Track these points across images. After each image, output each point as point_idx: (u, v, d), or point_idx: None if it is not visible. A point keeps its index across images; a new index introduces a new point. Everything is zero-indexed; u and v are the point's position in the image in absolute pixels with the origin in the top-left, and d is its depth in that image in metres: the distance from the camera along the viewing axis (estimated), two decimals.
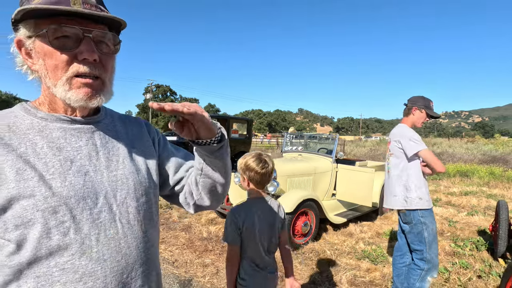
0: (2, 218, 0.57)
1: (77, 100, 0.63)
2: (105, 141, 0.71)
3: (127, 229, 0.67)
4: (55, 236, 0.59)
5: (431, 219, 2.17)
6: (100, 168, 0.67)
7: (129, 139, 0.77)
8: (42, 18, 0.61)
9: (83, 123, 0.69)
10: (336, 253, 3.47)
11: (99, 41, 0.64)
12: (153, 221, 0.76)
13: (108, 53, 0.67)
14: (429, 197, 2.21)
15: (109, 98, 0.68)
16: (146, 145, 0.81)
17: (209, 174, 0.76)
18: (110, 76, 0.68)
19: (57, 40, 0.61)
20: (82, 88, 0.63)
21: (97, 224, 0.63)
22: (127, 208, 0.68)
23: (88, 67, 0.62)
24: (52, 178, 0.61)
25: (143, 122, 0.86)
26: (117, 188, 0.68)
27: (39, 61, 0.63)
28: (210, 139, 0.69)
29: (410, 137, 2.19)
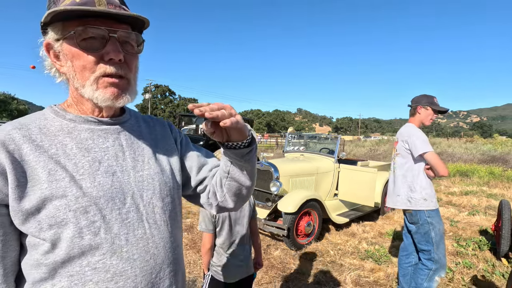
0: (37, 218, 0.59)
1: (104, 99, 0.64)
2: (130, 141, 0.72)
3: (154, 229, 0.68)
4: (87, 235, 0.60)
5: (438, 219, 2.17)
6: (127, 169, 0.68)
7: (153, 140, 0.77)
8: (69, 20, 0.62)
9: (110, 124, 0.70)
10: (340, 253, 3.46)
11: (123, 41, 0.65)
12: (178, 222, 0.77)
13: (132, 53, 0.68)
14: (435, 197, 2.21)
15: (134, 97, 0.69)
16: (170, 145, 0.81)
17: (236, 177, 0.76)
18: (134, 75, 0.69)
19: (84, 42, 0.62)
20: (109, 87, 0.64)
21: (126, 224, 0.64)
22: (153, 208, 0.69)
23: (114, 67, 0.63)
24: (82, 179, 0.62)
25: (166, 122, 0.87)
26: (143, 188, 0.69)
27: (67, 63, 0.65)
28: (241, 142, 0.69)
29: (417, 138, 2.19)
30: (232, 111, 0.62)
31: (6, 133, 0.60)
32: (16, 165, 0.58)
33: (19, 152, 0.59)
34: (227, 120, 0.59)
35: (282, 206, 3.46)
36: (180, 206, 0.80)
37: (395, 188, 2.35)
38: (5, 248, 0.60)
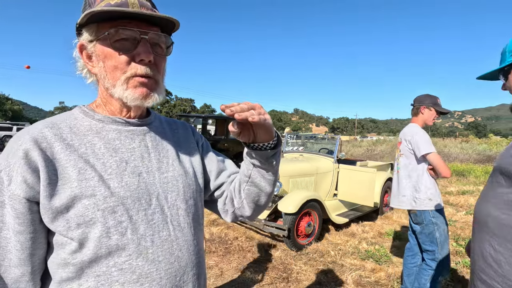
0: (65, 217, 0.59)
1: (134, 98, 0.65)
2: (155, 143, 0.73)
3: (178, 231, 0.68)
4: (114, 235, 0.60)
5: (443, 219, 2.17)
6: (152, 170, 0.69)
7: (176, 142, 0.78)
8: (103, 22, 0.64)
9: (136, 125, 0.71)
10: (340, 253, 3.46)
11: (154, 43, 0.66)
12: (200, 225, 0.77)
13: (162, 55, 0.69)
14: (440, 197, 2.21)
15: (162, 98, 0.69)
16: (192, 148, 0.82)
17: (257, 182, 0.75)
18: (163, 77, 0.71)
19: (117, 42, 0.63)
20: (138, 87, 0.65)
21: (151, 225, 0.64)
22: (177, 210, 0.69)
23: (145, 68, 0.65)
24: (110, 178, 0.63)
25: (188, 125, 0.88)
26: (168, 189, 0.69)
27: (99, 63, 0.66)
28: (267, 143, 0.68)
29: (420, 138, 2.19)
30: (262, 110, 0.62)
31: (38, 131, 0.62)
32: (48, 163, 0.59)
33: (51, 150, 0.60)
34: (256, 116, 0.60)
35: (282, 207, 3.45)
36: (202, 209, 0.80)
37: (400, 188, 2.34)
38: (34, 246, 0.61)
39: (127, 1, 0.62)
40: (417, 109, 2.36)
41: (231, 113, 0.58)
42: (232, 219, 0.85)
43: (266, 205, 0.82)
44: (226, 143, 7.55)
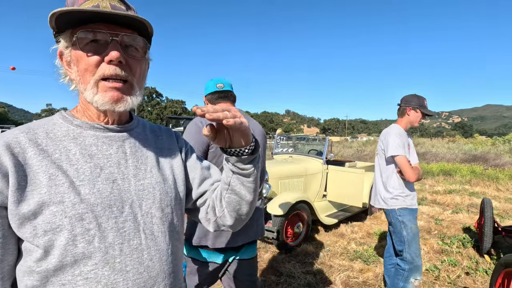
0: (33, 223, 0.58)
1: (103, 103, 0.63)
2: (134, 149, 0.71)
3: (150, 240, 0.66)
4: (81, 243, 0.59)
5: (411, 218, 2.17)
6: (128, 176, 0.67)
7: (158, 149, 0.77)
8: (76, 28, 0.63)
9: (116, 131, 0.70)
10: (329, 254, 3.48)
11: (127, 45, 0.65)
12: (177, 233, 0.74)
13: (136, 57, 0.67)
14: (411, 197, 2.21)
15: (137, 102, 0.68)
16: (174, 155, 0.80)
17: (237, 189, 0.74)
18: (139, 80, 0.69)
19: (87, 45, 0.63)
20: (109, 91, 0.63)
21: (121, 234, 0.63)
22: (152, 218, 0.68)
23: (114, 69, 0.63)
24: (81, 185, 0.62)
25: (174, 132, 0.86)
26: (143, 197, 0.68)
27: (74, 68, 0.66)
28: (244, 148, 0.67)
29: (392, 140, 2.20)
30: (237, 113, 0.62)
31: (13, 136, 0.61)
32: (18, 168, 0.58)
33: (23, 156, 0.60)
34: (231, 119, 0.59)
35: (272, 209, 3.45)
36: (182, 218, 0.78)
37: (375, 187, 2.41)
38: (3, 251, 0.59)
39: (99, 5, 0.61)
40: (403, 109, 2.35)
41: (201, 113, 0.57)
42: (214, 228, 0.83)
43: (248, 215, 0.80)
44: None
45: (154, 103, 63.18)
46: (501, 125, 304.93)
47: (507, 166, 11.15)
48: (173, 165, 0.78)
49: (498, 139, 21.64)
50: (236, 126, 0.61)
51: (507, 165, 11.42)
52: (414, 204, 2.23)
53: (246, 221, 0.84)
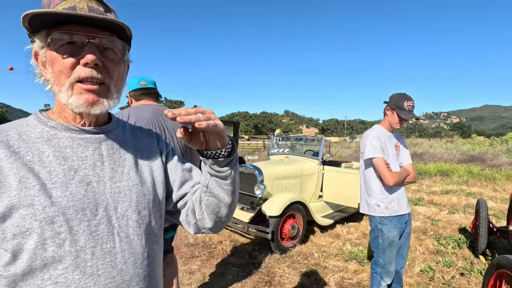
0: (2, 227, 0.57)
1: (78, 105, 0.63)
2: (112, 151, 0.70)
3: (125, 244, 0.66)
4: (50, 247, 0.58)
5: (390, 227, 2.04)
6: (104, 179, 0.67)
7: (137, 151, 0.76)
8: (52, 28, 0.62)
9: (92, 132, 0.69)
10: (324, 255, 3.47)
11: (105, 48, 0.65)
12: (155, 236, 0.73)
13: (114, 60, 0.67)
14: (394, 202, 2.06)
15: (114, 105, 0.68)
16: (155, 157, 0.79)
17: (215, 192, 0.74)
18: (116, 83, 0.68)
19: (62, 47, 0.62)
20: (83, 94, 0.63)
21: (94, 237, 0.62)
22: (127, 221, 0.67)
23: (90, 71, 0.62)
24: (53, 187, 0.60)
25: (154, 133, 0.85)
26: (119, 200, 0.67)
27: (49, 69, 0.65)
28: (220, 151, 0.68)
29: (370, 142, 2.07)
30: (212, 116, 0.61)
31: None
32: None
33: None
34: (203, 122, 0.58)
35: (266, 209, 3.44)
36: (161, 220, 0.77)
37: (360, 191, 2.26)
38: None
39: (76, 6, 0.60)
40: (384, 109, 2.19)
41: (172, 116, 0.56)
42: (194, 231, 0.82)
43: (228, 218, 0.80)
44: None
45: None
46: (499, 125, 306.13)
47: (504, 167, 11.18)
48: (153, 167, 0.77)
49: (496, 140, 21.70)
50: (209, 129, 0.60)
51: (504, 166, 11.45)
52: (398, 211, 2.06)
53: (227, 223, 0.83)
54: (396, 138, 2.20)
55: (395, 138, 2.20)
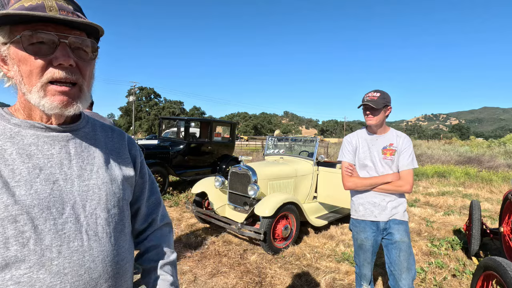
0: None
1: (52, 107, 0.62)
2: (80, 149, 0.70)
3: (93, 242, 0.66)
4: (13, 246, 0.57)
5: (358, 230, 2.03)
6: (71, 177, 0.66)
7: (108, 149, 0.76)
8: (17, 25, 0.61)
9: (59, 131, 0.68)
10: (316, 256, 3.46)
11: (76, 47, 0.64)
12: (125, 234, 0.75)
13: (86, 59, 0.66)
14: (360, 208, 2.01)
15: (86, 105, 0.68)
16: (125, 158, 0.81)
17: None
18: (88, 82, 0.68)
19: (32, 46, 0.60)
20: (57, 95, 0.62)
21: (60, 236, 0.61)
22: (96, 219, 0.67)
23: (64, 72, 0.62)
24: (16, 186, 0.60)
25: (127, 136, 0.85)
26: (87, 198, 0.67)
27: (14, 67, 0.63)
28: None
29: (342, 145, 2.13)
30: None
31: None
32: None
33: None
34: None
35: (259, 210, 3.43)
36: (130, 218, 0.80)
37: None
38: None
39: (44, 4, 0.59)
40: None
41: None
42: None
43: None
44: (210, 146, 7.48)
45: (152, 103, 63.03)
46: (498, 127, 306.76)
47: (501, 168, 11.20)
48: (123, 167, 0.79)
49: (494, 142, 21.73)
50: None
51: (501, 167, 11.47)
52: (365, 216, 1.97)
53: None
54: (388, 141, 1.97)
55: (385, 141, 1.98)
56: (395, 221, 1.94)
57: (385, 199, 1.96)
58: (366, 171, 2.00)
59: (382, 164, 1.96)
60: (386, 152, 1.97)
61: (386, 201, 1.95)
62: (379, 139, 2.01)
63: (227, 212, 4.20)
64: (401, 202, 1.97)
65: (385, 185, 1.93)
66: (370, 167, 1.98)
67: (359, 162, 2.02)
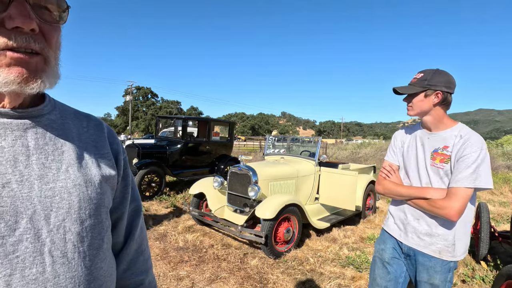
0: None
1: (7, 82, 0.46)
2: (43, 142, 0.53)
3: (60, 266, 0.49)
4: None
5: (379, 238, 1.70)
6: (29, 179, 0.49)
7: (82, 142, 0.59)
8: None
9: (13, 116, 0.51)
10: (320, 260, 3.31)
11: (38, 5, 0.48)
12: (104, 251, 0.58)
13: (52, 22, 0.50)
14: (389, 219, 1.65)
15: (54, 82, 0.52)
16: (104, 154, 0.63)
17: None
18: (55, 53, 0.53)
19: None
20: (13, 66, 0.46)
21: (10, 261, 0.45)
22: (65, 234, 0.51)
23: (24, 38, 0.46)
24: None
25: (106, 127, 0.67)
26: (52, 206, 0.50)
27: None
28: None
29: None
30: None
31: None
32: None
33: None
34: None
35: (260, 212, 3.27)
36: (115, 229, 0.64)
37: None
38: None
39: None
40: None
41: None
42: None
43: None
44: (208, 146, 7.32)
45: (149, 103, 62.72)
46: (493, 129, 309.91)
47: (500, 170, 11.16)
48: (103, 165, 0.61)
49: (491, 143, 21.79)
50: None
51: (501, 169, 11.44)
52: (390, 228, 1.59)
53: None
54: (443, 142, 1.41)
55: (439, 142, 1.42)
56: (424, 255, 1.41)
57: (420, 220, 1.43)
58: (409, 178, 1.51)
59: (428, 172, 1.42)
60: (436, 156, 1.40)
61: (421, 223, 1.42)
62: (432, 137, 1.45)
63: (226, 214, 4.05)
64: (446, 231, 1.36)
65: (421, 201, 1.40)
66: (413, 174, 1.48)
67: (403, 164, 1.56)
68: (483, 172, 1.27)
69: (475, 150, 1.29)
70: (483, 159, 1.28)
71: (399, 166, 1.57)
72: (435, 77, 1.39)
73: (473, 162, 1.27)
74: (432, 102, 1.40)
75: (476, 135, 1.35)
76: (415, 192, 1.42)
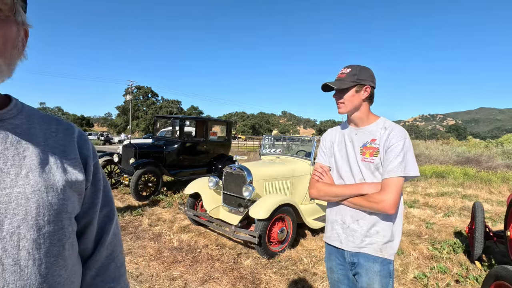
0: None
1: None
2: (3, 147, 0.53)
3: (10, 274, 0.48)
4: None
5: (326, 255, 1.63)
6: None
7: (48, 147, 0.58)
8: None
9: None
10: (314, 260, 3.31)
11: None
12: (65, 258, 0.56)
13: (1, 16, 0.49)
14: (327, 227, 1.56)
15: (2, 80, 0.52)
16: (72, 159, 0.61)
17: None
18: (4, 49, 0.50)
19: None
20: None
21: None
22: (19, 241, 0.50)
23: None
24: None
25: (77, 130, 0.66)
26: (6, 212, 0.49)
27: None
28: None
29: None
30: None
31: None
32: None
33: None
34: None
35: (254, 212, 3.27)
36: (75, 236, 0.61)
37: None
38: None
39: None
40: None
41: None
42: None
43: None
44: (205, 145, 7.31)
45: (149, 102, 62.70)
46: (494, 127, 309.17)
47: (499, 169, 11.13)
48: (68, 170, 0.59)
49: (491, 142, 21.73)
50: None
51: (500, 168, 11.40)
52: (330, 238, 1.48)
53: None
54: (370, 136, 1.40)
55: (367, 136, 1.41)
56: (365, 256, 1.35)
57: (359, 221, 1.36)
58: (342, 177, 1.44)
59: (361, 168, 1.38)
60: (366, 151, 1.38)
61: (360, 223, 1.36)
62: (359, 133, 1.43)
63: (221, 214, 4.04)
64: (384, 227, 1.33)
65: (357, 199, 1.34)
66: (346, 172, 1.42)
67: (335, 164, 1.49)
68: (410, 160, 1.30)
69: (400, 139, 1.32)
70: (409, 147, 1.32)
71: (330, 167, 1.52)
72: (362, 72, 1.39)
73: (401, 150, 1.30)
74: (362, 97, 1.39)
75: (399, 126, 1.38)
76: (350, 190, 1.37)
